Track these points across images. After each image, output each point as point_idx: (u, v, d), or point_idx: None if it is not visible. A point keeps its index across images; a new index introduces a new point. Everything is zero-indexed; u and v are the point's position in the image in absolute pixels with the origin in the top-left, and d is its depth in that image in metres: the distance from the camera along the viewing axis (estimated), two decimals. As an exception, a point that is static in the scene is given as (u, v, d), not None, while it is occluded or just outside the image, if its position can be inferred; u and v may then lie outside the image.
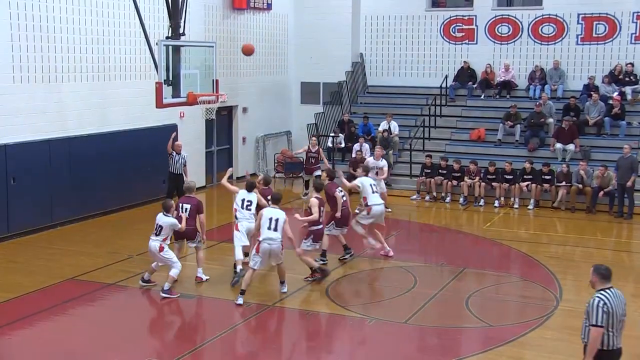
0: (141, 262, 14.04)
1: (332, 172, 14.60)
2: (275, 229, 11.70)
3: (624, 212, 18.40)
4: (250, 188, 13.03)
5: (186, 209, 12.54)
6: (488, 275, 13.56)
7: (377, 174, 17.55)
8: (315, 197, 12.91)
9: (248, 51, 16.37)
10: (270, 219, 11.74)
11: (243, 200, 12.95)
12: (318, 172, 19.60)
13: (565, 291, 12.61)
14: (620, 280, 13.62)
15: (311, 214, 12.68)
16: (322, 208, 12.86)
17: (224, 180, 13.83)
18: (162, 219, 12.16)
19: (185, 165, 17.52)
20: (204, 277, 12.91)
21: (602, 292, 7.27)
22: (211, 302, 12.06)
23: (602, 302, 7.20)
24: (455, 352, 10.15)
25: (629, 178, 18.22)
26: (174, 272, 12.10)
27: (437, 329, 11.04)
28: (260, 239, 11.76)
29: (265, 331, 11.06)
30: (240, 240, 12.78)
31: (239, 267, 12.71)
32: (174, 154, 17.39)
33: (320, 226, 12.85)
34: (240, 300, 11.60)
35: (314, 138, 20.78)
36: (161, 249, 12.07)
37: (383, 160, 18.39)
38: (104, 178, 17.56)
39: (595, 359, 7.28)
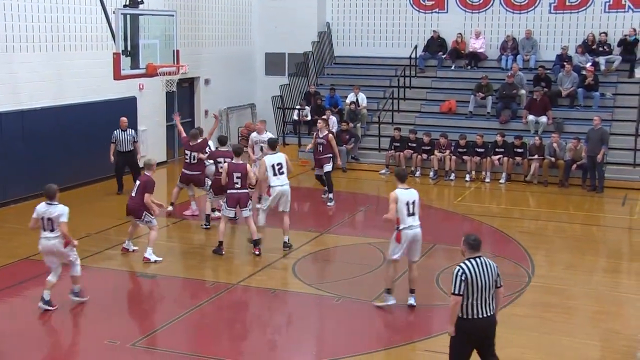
0: (99, 241, 13.92)
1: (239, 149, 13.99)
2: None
3: (596, 186, 18.63)
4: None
5: (137, 185, 12.64)
6: (459, 252, 13.57)
7: (261, 149, 16.00)
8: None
9: None
10: (273, 166, 12.95)
11: (273, 165, 13.15)
12: (329, 168, 16.80)
13: (538, 267, 12.75)
14: (591, 254, 13.89)
15: None
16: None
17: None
18: (46, 209, 10.33)
19: (136, 142, 17.28)
20: (153, 258, 12.53)
21: (466, 261, 7.57)
22: (173, 281, 11.98)
23: (461, 270, 7.50)
24: (425, 330, 10.23)
25: (599, 150, 18.43)
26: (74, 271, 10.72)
27: (406, 307, 11.09)
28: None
29: (229, 310, 11.03)
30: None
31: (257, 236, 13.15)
32: (119, 130, 17.02)
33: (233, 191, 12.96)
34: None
35: (321, 121, 17.41)
36: (66, 244, 10.42)
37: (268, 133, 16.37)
38: (60, 153, 17.31)
39: (456, 327, 7.61)
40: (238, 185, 12.94)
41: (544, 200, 18.07)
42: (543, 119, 20.63)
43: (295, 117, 22.75)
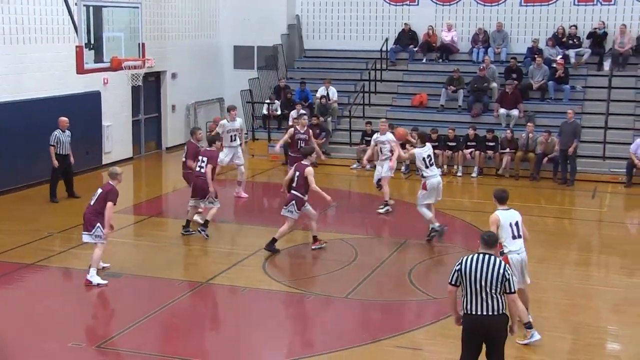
0: (63, 240, 13.78)
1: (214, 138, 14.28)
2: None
3: (567, 179, 18.83)
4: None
5: (97, 194, 11.51)
6: (431, 247, 13.71)
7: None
8: None
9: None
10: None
11: (424, 158, 13.38)
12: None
13: (509, 261, 12.83)
14: (562, 248, 14.04)
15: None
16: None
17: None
18: None
19: (70, 143, 16.35)
20: (95, 281, 11.37)
21: (469, 254, 7.68)
22: (141, 280, 11.89)
23: (458, 262, 7.68)
24: (398, 326, 10.24)
25: (572, 144, 18.63)
26: None
27: (379, 303, 11.14)
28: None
29: (198, 309, 10.97)
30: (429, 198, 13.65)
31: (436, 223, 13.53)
32: (59, 132, 16.12)
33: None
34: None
35: (305, 117, 17.55)
36: None
37: (389, 134, 16.20)
38: (21, 150, 17.08)
39: (462, 321, 7.73)
40: (294, 185, 12.99)
41: (516, 193, 18.10)
42: (514, 112, 20.79)
43: (264, 111, 22.68)
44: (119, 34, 15.20)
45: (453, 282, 7.63)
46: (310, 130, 16.84)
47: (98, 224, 11.31)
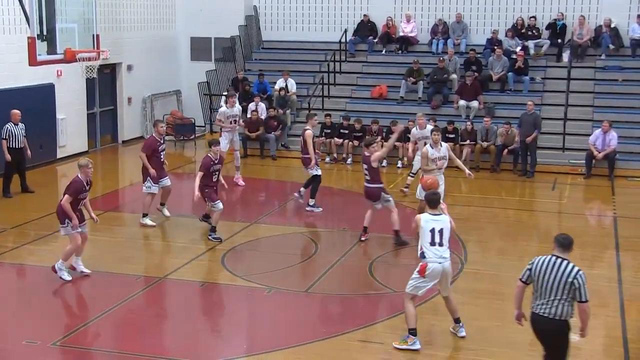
0: (17, 236, 13.58)
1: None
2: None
3: (527, 170, 19.07)
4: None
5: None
6: (391, 240, 13.76)
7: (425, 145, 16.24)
8: None
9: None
10: None
11: (434, 159, 13.32)
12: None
13: (470, 253, 12.98)
14: (524, 240, 14.22)
15: None
16: None
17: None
18: None
19: (25, 136, 16.13)
20: (61, 275, 11.36)
21: (542, 256, 7.79)
22: (98, 275, 11.74)
23: (531, 261, 7.85)
24: (359, 320, 10.28)
25: (532, 135, 18.87)
26: None
27: (339, 297, 11.17)
28: None
29: (156, 305, 10.90)
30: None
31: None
32: (11, 125, 15.90)
33: None
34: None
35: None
36: None
37: (429, 127, 16.07)
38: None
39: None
40: (368, 178, 13.13)
41: (476, 186, 18.38)
42: (474, 103, 20.99)
43: (222, 103, 22.54)
44: (73, 25, 14.99)
45: (523, 280, 7.81)
46: (308, 132, 15.43)
47: (66, 219, 11.22)
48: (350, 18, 24.68)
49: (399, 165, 20.05)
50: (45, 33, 14.24)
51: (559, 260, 7.62)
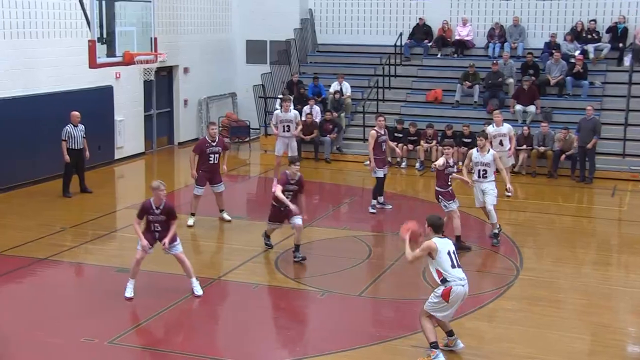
0: (75, 235, 13.85)
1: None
2: None
3: (586, 177, 18.74)
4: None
5: None
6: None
7: (501, 143, 16.69)
8: None
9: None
10: None
11: (477, 163, 13.41)
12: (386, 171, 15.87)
13: (526, 260, 12.81)
14: (581, 247, 13.98)
15: None
16: None
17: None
18: None
19: (84, 138, 16.42)
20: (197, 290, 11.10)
21: None
22: (152, 276, 11.90)
23: None
24: (411, 325, 10.22)
25: (590, 140, 18.54)
26: None
27: (392, 302, 11.13)
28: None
29: (209, 306, 11.00)
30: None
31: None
32: (70, 126, 16.20)
33: None
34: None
35: (381, 118, 15.92)
36: None
37: (506, 125, 16.66)
38: (33, 145, 17.17)
39: None
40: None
41: (533, 191, 18.15)
42: (531, 108, 20.72)
43: (277, 106, 22.65)
44: (132, 29, 15.24)
45: None
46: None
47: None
48: (406, 21, 24.61)
49: (418, 166, 19.92)
50: (105, 36, 14.51)
51: None
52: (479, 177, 13.47)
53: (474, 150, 13.62)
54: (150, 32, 15.71)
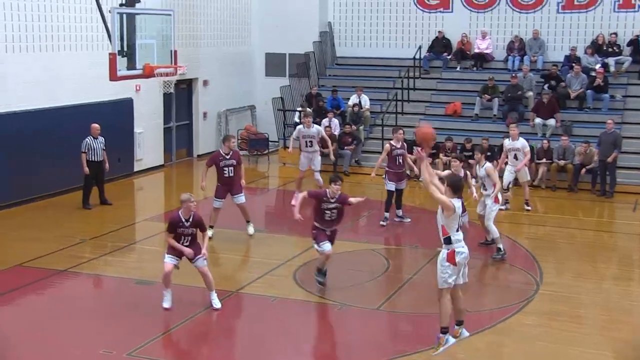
0: (95, 247, 13.92)
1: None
2: None
3: (606, 190, 18.61)
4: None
5: None
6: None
7: (515, 157, 16.84)
8: None
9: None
10: None
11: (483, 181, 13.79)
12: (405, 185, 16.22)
13: (546, 274, 12.72)
14: (601, 262, 13.86)
15: None
16: None
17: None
18: None
19: (104, 150, 16.59)
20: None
21: None
22: (172, 289, 11.93)
23: None
24: (430, 339, 10.17)
25: (611, 154, 18.43)
26: None
27: (411, 315, 11.09)
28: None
29: (227, 319, 11.01)
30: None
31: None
32: (90, 139, 16.37)
33: None
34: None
35: (401, 131, 15.94)
36: None
37: (522, 139, 16.86)
38: (54, 156, 17.28)
39: None
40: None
41: (553, 205, 18.04)
42: (551, 121, 20.62)
43: (296, 119, 22.72)
44: (152, 41, 15.33)
45: None
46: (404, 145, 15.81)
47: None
48: (425, 34, 24.60)
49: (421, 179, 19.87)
50: (125, 49, 14.62)
51: None
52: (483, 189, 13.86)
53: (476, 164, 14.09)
54: (170, 44, 15.80)
